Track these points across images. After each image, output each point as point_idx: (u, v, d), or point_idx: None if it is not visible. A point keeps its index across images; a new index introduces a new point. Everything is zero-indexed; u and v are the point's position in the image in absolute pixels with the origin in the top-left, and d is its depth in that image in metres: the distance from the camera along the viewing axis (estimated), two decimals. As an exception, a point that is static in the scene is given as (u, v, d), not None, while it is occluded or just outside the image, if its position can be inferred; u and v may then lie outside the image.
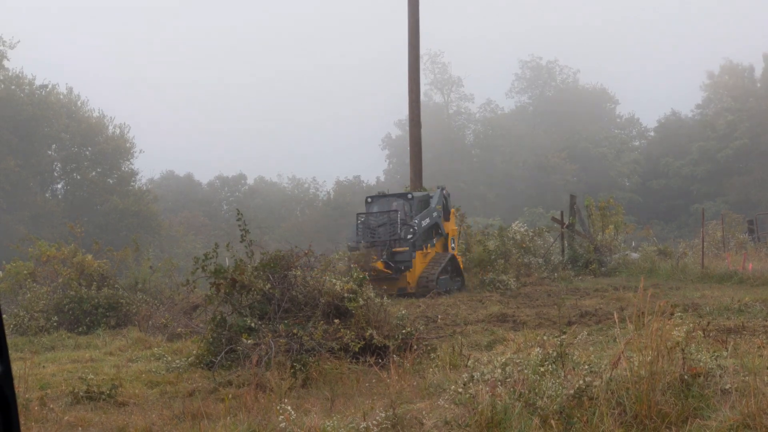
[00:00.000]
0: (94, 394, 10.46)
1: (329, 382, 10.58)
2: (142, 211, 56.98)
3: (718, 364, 8.06)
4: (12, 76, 57.28)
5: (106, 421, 9.31)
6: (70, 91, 60.18)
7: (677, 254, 29.39)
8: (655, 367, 7.49)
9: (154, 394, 10.95)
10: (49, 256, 21.88)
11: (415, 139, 29.67)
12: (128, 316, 19.42)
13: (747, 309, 15.98)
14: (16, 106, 55.24)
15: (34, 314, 19.03)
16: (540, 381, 7.69)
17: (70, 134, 58.44)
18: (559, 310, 17.08)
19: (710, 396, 7.52)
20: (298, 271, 13.05)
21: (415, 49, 29.46)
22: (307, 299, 12.86)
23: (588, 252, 28.79)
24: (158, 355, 13.91)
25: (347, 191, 72.83)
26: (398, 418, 7.49)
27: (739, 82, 79.71)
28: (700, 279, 23.57)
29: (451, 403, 7.78)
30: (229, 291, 12.73)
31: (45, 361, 14.22)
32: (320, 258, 14.09)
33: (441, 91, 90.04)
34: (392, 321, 12.94)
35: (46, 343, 16.72)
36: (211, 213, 71.66)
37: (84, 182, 58.76)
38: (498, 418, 7.15)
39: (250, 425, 7.94)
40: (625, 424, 7.18)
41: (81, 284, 20.23)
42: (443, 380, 9.44)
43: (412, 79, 29.45)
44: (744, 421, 6.87)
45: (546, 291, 22.52)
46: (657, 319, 7.86)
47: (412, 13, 28.97)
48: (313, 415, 8.02)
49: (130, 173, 60.54)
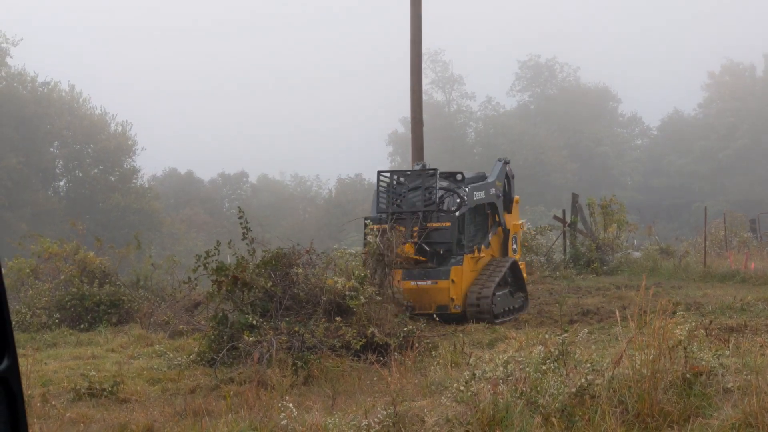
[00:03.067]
0: (95, 390, 10.47)
1: (331, 379, 10.58)
2: (144, 208, 57.02)
3: (720, 363, 8.06)
4: (14, 73, 57.31)
5: (107, 417, 9.32)
6: (72, 88, 60.29)
7: (679, 253, 29.35)
8: (657, 365, 7.48)
9: (155, 391, 10.95)
10: (51, 253, 21.88)
11: (418, 138, 29.66)
12: (130, 313, 19.43)
13: (749, 308, 15.97)
14: (18, 103, 55.26)
15: (36, 311, 19.05)
16: (542, 379, 7.69)
17: (72, 131, 58.48)
18: (560, 309, 17.07)
19: (712, 395, 7.51)
20: (299, 269, 13.06)
21: (417, 46, 29.44)
22: (309, 297, 12.86)
23: (590, 251, 28.76)
24: (160, 352, 13.91)
25: (349, 189, 72.89)
26: (399, 415, 7.49)
27: (740, 82, 79.69)
28: (702, 278, 23.55)
29: (453, 401, 7.78)
30: (231, 288, 12.74)
31: (47, 357, 14.22)
32: (321, 255, 14.10)
33: (442, 90, 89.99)
34: (393, 319, 12.95)
35: (48, 339, 16.73)
36: (213, 210, 71.67)
37: (86, 179, 58.81)
38: (500, 416, 7.14)
39: (251, 422, 7.94)
40: (627, 422, 7.17)
41: (83, 281, 20.24)
42: (445, 378, 9.43)
43: (414, 77, 29.43)
44: (746, 420, 6.86)
45: (548, 289, 22.49)
46: (659, 318, 7.85)
47: (414, 10, 28.96)
48: (315, 412, 8.02)
49: (132, 170, 60.57)
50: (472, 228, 17.99)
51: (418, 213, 16.91)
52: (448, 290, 16.36)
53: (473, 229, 17.98)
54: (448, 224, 17.10)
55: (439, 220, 17.10)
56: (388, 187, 17.30)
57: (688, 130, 79.16)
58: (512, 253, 18.74)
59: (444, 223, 17.09)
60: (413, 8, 28.91)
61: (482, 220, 18.49)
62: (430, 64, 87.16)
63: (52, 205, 55.45)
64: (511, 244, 18.91)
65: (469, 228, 17.70)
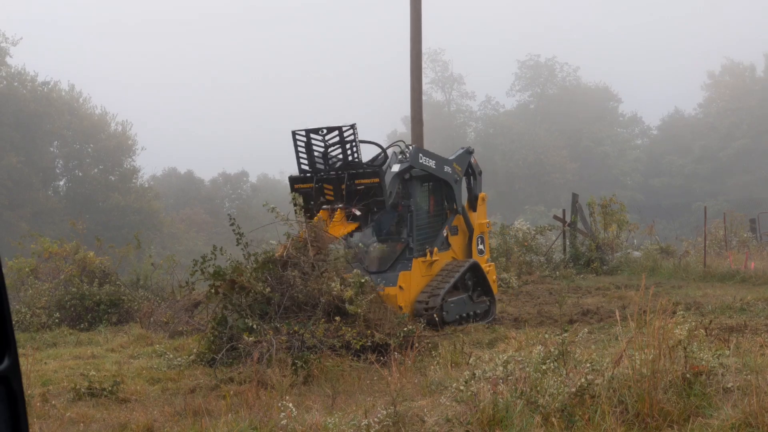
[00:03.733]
0: (95, 390, 10.46)
1: (330, 379, 10.58)
2: (144, 208, 57.05)
3: (720, 363, 8.06)
4: (14, 73, 57.32)
5: (107, 417, 9.32)
6: (72, 88, 60.31)
7: (679, 253, 29.37)
8: (657, 365, 7.48)
9: (155, 391, 10.95)
10: (51, 252, 21.89)
11: (418, 137, 29.65)
12: (130, 313, 19.43)
13: (749, 308, 15.98)
14: (18, 102, 55.27)
15: (36, 310, 19.05)
16: (541, 379, 7.69)
17: (72, 131, 58.50)
18: (560, 308, 17.07)
19: (712, 395, 7.51)
20: (294, 271, 12.97)
21: (417, 46, 29.40)
22: (308, 298, 12.84)
23: (590, 250, 28.76)
24: (160, 352, 13.91)
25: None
26: (399, 415, 7.49)
27: (739, 82, 79.71)
28: (702, 278, 23.55)
29: (453, 401, 7.78)
30: (229, 292, 12.73)
31: (47, 357, 14.22)
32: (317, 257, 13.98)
33: (442, 89, 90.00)
34: (393, 319, 12.95)
35: (47, 339, 16.73)
36: (213, 210, 71.65)
37: (86, 179, 58.85)
38: (499, 415, 7.15)
39: (251, 422, 7.94)
40: (626, 422, 7.18)
41: (83, 281, 20.24)
42: (444, 378, 9.43)
43: (414, 76, 29.42)
44: (746, 420, 6.87)
45: (548, 289, 22.49)
46: (659, 318, 7.85)
47: (414, 9, 28.93)
48: (315, 412, 8.02)
49: (132, 170, 60.60)
50: (425, 218, 16.25)
51: (345, 173, 14.84)
52: (395, 297, 14.77)
53: (426, 230, 16.20)
54: (375, 181, 14.78)
55: (368, 177, 14.88)
56: (306, 147, 15.11)
57: (689, 130, 79.22)
58: (477, 255, 16.88)
59: (373, 180, 14.82)
60: (413, 7, 28.89)
61: (438, 212, 16.58)
62: (429, 63, 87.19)
63: (52, 205, 55.47)
64: (476, 244, 17.03)
65: (420, 216, 15.98)
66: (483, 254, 17.13)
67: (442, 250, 16.18)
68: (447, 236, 16.49)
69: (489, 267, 17.13)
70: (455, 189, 16.54)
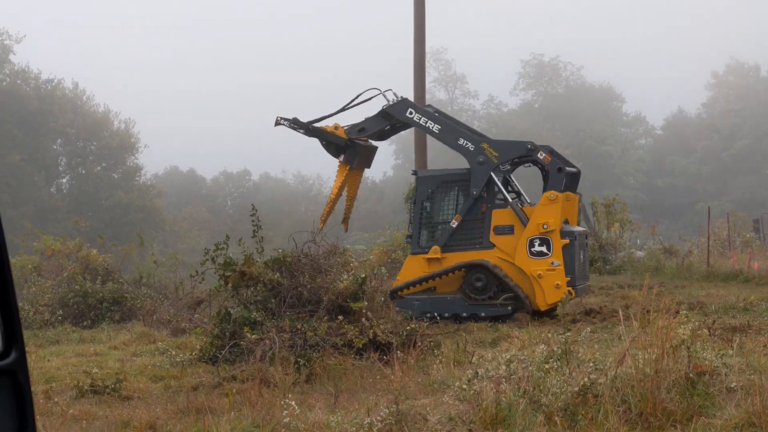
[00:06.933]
0: (98, 387, 10.48)
1: (333, 377, 10.58)
2: (147, 206, 57.08)
3: (723, 363, 8.05)
4: (18, 71, 57.37)
5: (110, 414, 9.33)
6: (75, 85, 60.35)
7: (682, 253, 29.33)
8: (660, 365, 7.47)
9: (158, 389, 10.96)
10: (54, 250, 21.92)
11: (421, 136, 29.63)
12: (133, 311, 19.45)
13: (752, 308, 15.96)
14: (21, 100, 55.32)
15: (39, 308, 19.08)
16: (544, 378, 7.68)
17: (75, 129, 58.54)
18: (563, 308, 17.04)
19: (715, 394, 7.50)
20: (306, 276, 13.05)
21: (420, 46, 29.40)
22: (312, 296, 12.87)
23: (593, 250, 28.74)
24: (162, 349, 13.93)
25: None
26: (402, 414, 7.48)
27: (744, 82, 79.57)
28: (706, 277, 23.52)
29: (456, 400, 7.77)
30: (238, 284, 12.78)
31: (50, 354, 14.24)
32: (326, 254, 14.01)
33: (445, 88, 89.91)
34: (396, 317, 12.94)
35: (50, 336, 16.75)
36: (215, 209, 71.69)
37: (89, 177, 58.90)
38: (502, 414, 7.14)
39: (254, 420, 7.94)
40: (629, 421, 7.17)
41: (86, 278, 20.27)
42: (447, 377, 9.43)
43: (417, 76, 29.42)
44: (749, 420, 6.86)
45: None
46: (662, 317, 7.84)
47: (417, 9, 28.91)
48: (317, 410, 8.02)
49: (135, 168, 60.64)
50: (437, 217, 16.32)
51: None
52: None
53: (437, 218, 16.21)
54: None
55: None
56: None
57: (692, 130, 79.08)
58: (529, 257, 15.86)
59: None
60: (417, 8, 28.89)
61: (470, 210, 15.93)
62: (432, 62, 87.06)
63: (55, 203, 55.51)
64: (529, 246, 15.94)
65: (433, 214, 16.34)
66: (542, 257, 15.68)
67: (463, 249, 15.79)
68: (488, 235, 15.90)
69: (544, 271, 15.69)
70: (476, 171, 15.91)
